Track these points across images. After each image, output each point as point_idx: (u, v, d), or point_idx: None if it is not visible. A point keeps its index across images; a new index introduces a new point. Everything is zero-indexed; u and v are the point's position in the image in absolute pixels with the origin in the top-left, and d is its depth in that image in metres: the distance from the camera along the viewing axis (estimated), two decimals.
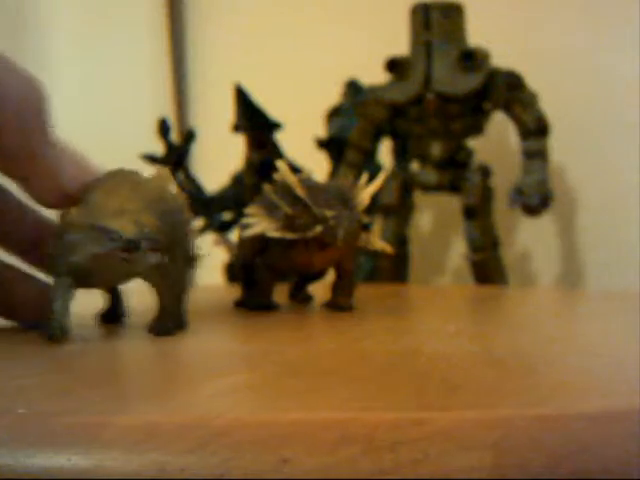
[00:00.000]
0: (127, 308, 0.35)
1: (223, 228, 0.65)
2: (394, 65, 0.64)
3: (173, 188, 0.31)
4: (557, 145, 0.64)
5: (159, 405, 0.18)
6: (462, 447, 0.15)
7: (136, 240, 0.28)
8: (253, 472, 0.15)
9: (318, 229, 0.34)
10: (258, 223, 0.36)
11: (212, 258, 0.38)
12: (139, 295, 0.35)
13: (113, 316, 0.35)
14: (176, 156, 0.64)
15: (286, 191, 0.35)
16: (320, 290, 0.46)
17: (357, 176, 0.63)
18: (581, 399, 0.18)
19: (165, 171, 0.31)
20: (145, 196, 0.29)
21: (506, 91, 0.60)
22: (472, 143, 0.66)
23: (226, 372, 0.22)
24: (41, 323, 0.29)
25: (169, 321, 0.30)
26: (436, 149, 0.63)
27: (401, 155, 0.68)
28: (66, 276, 0.28)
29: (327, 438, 0.16)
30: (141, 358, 0.26)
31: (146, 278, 0.30)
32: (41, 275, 0.33)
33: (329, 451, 0.15)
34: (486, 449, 0.15)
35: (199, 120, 0.85)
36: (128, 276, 0.30)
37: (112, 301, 0.35)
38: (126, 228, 0.28)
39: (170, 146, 0.64)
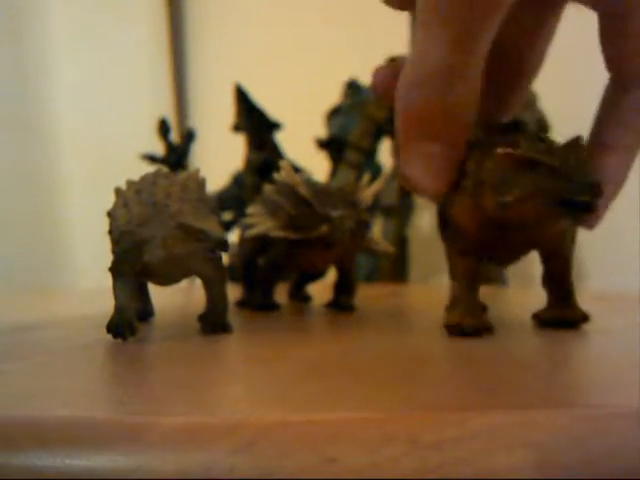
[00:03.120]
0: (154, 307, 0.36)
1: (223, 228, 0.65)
2: None
3: (205, 185, 0.31)
4: None
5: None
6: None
7: (225, 240, 0.28)
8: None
9: (323, 229, 0.34)
10: (261, 223, 0.36)
11: None
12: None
13: (142, 315, 0.35)
14: (176, 156, 0.64)
15: (288, 191, 0.35)
16: (320, 290, 0.46)
17: (357, 176, 0.63)
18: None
19: (196, 169, 0.31)
20: (196, 196, 0.30)
21: None
22: None
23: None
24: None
25: (221, 317, 0.31)
26: None
27: None
28: (134, 274, 0.29)
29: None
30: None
31: (204, 276, 0.31)
32: None
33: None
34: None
35: (199, 120, 0.85)
36: (187, 274, 0.31)
37: (141, 300, 0.35)
38: (216, 229, 0.28)
39: (170, 146, 0.64)
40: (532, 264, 0.32)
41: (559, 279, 0.31)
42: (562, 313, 0.30)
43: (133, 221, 0.28)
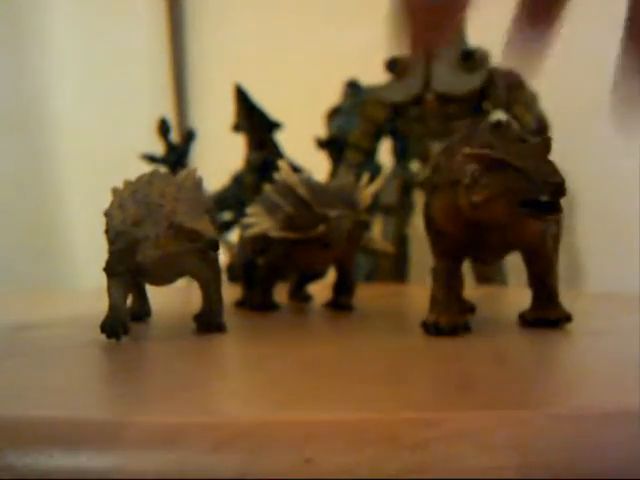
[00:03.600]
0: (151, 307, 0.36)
1: (223, 228, 0.65)
2: (394, 65, 0.63)
3: (202, 185, 0.31)
4: (557, 145, 0.64)
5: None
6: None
7: (217, 240, 0.28)
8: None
9: (321, 229, 0.34)
10: (260, 223, 0.36)
11: None
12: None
13: (139, 315, 0.35)
14: (176, 156, 0.64)
15: (287, 191, 0.35)
16: (320, 290, 0.46)
17: (357, 176, 0.63)
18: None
19: (193, 169, 0.31)
20: (192, 196, 0.30)
21: (506, 91, 0.60)
22: None
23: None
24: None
25: (215, 317, 0.31)
26: (436, 149, 0.63)
27: (401, 155, 0.68)
28: (127, 273, 0.29)
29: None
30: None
31: (199, 276, 0.31)
32: None
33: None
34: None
35: (199, 120, 0.85)
36: (181, 274, 0.31)
37: (138, 300, 0.35)
38: (208, 229, 0.28)
39: (170, 146, 0.64)
40: None
41: (542, 280, 0.31)
42: (545, 313, 0.31)
43: (127, 221, 0.28)
